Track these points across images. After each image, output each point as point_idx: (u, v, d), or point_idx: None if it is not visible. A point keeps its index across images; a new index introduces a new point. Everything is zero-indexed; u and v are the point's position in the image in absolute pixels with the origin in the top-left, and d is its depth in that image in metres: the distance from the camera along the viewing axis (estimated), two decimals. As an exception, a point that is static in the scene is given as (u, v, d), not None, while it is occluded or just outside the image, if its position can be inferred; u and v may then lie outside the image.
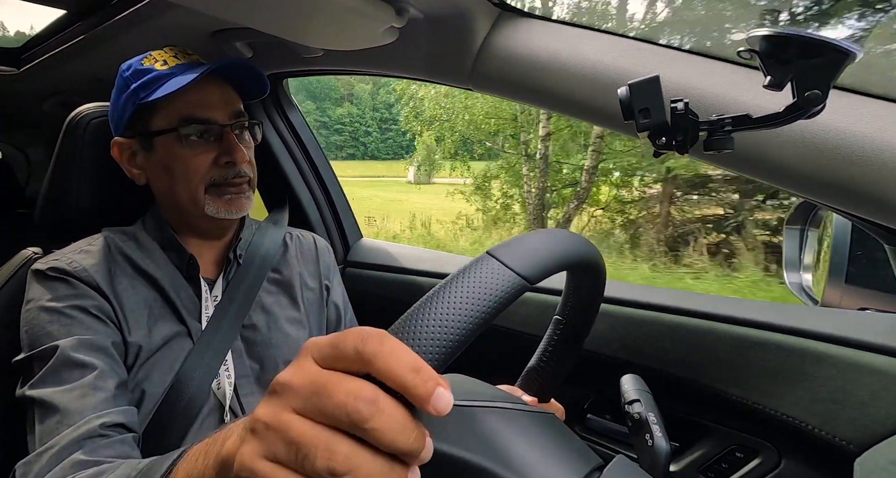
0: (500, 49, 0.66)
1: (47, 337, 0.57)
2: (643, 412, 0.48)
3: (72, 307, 0.58)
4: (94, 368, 0.55)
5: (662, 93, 0.45)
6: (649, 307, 0.75)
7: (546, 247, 0.38)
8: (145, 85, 0.64)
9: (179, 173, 0.65)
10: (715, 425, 0.71)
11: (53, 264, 0.61)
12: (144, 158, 0.68)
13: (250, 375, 0.68)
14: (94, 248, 0.65)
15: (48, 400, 0.52)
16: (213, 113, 0.66)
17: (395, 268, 1.09)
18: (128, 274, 0.65)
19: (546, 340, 0.54)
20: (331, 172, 1.20)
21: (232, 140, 0.66)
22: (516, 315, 0.86)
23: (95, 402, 0.53)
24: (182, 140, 0.64)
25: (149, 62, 0.65)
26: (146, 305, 0.64)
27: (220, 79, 0.68)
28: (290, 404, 0.25)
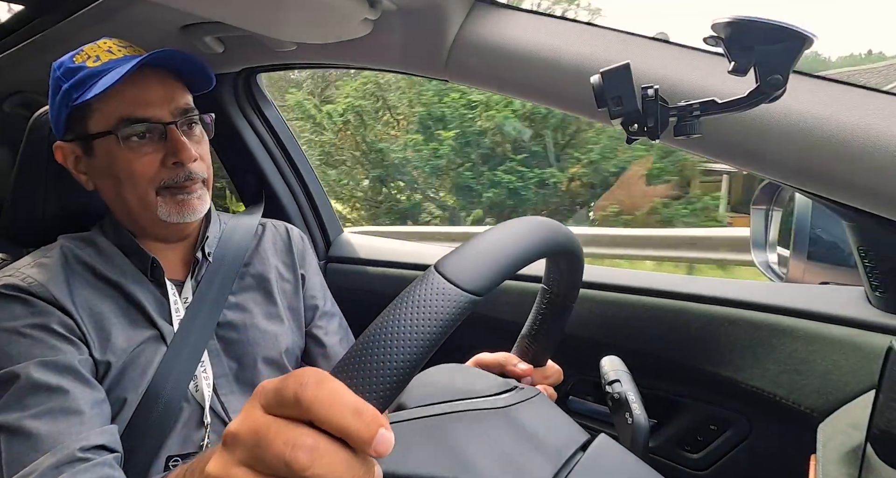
0: (474, 40, 0.67)
1: (7, 359, 0.54)
2: (623, 392, 0.51)
3: (31, 326, 0.55)
4: (63, 390, 0.52)
5: (633, 80, 0.46)
6: (626, 290, 0.78)
7: (497, 249, 0.35)
8: (76, 85, 0.60)
9: (125, 178, 0.61)
10: (691, 400, 0.75)
11: (8, 281, 0.58)
12: (87, 164, 0.64)
13: (229, 374, 0.67)
14: (50, 260, 0.61)
15: (17, 426, 0.50)
16: (154, 111, 0.61)
17: (377, 261, 1.09)
18: (89, 283, 0.62)
19: (535, 308, 0.55)
20: (308, 167, 1.19)
21: (177, 139, 0.61)
22: (499, 303, 0.87)
23: (69, 425, 0.51)
24: (122, 142, 0.60)
25: (80, 59, 0.61)
26: (112, 312, 0.61)
27: (161, 72, 0.63)
28: (237, 457, 0.26)
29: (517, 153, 6.33)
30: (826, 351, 0.60)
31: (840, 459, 0.42)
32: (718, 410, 0.72)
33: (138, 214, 0.64)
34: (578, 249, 0.48)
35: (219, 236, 0.74)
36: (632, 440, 0.48)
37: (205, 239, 0.71)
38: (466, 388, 0.44)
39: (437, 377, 0.47)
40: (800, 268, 0.75)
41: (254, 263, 0.76)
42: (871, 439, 0.38)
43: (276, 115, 1.15)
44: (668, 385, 0.76)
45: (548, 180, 6.32)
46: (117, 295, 0.63)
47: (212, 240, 0.73)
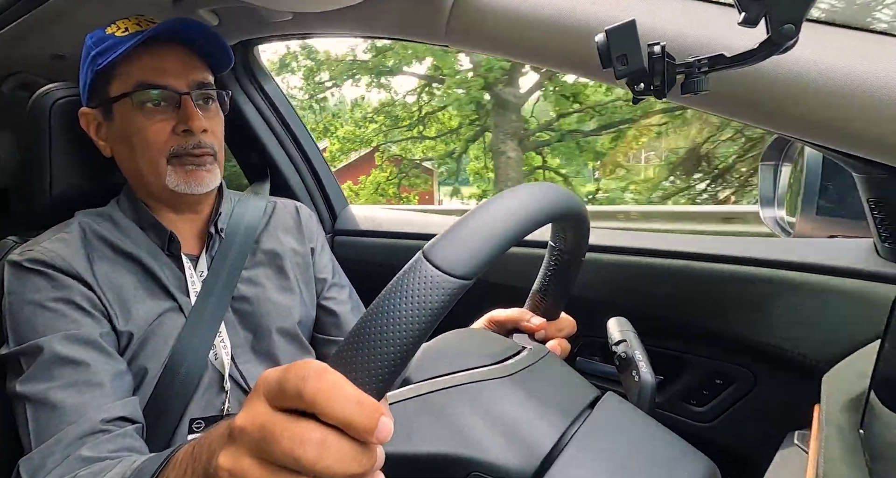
0: (474, 2, 0.65)
1: (32, 332, 0.56)
2: (629, 351, 0.52)
3: (54, 300, 0.58)
4: (86, 363, 0.55)
5: (639, 38, 0.45)
6: (631, 252, 0.78)
7: (489, 227, 0.35)
8: (101, 51, 0.62)
9: (138, 142, 0.64)
10: (696, 357, 0.77)
11: (30, 255, 0.60)
12: (106, 130, 0.67)
13: (245, 344, 0.70)
14: (70, 234, 0.63)
15: (42, 397, 0.52)
16: (171, 80, 0.63)
17: (384, 233, 1.10)
18: (108, 257, 0.64)
19: (545, 264, 0.56)
20: (311, 141, 1.18)
21: (189, 107, 0.64)
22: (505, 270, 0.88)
23: (92, 397, 0.53)
24: (139, 107, 0.63)
25: (111, 30, 0.64)
26: (131, 285, 0.63)
27: (182, 46, 0.65)
28: (247, 450, 0.27)
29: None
30: (834, 303, 0.61)
31: (844, 406, 0.43)
32: (724, 365, 0.74)
33: (150, 181, 0.66)
34: (579, 210, 0.48)
35: (231, 213, 0.76)
36: (639, 397, 0.50)
37: (218, 215, 0.73)
38: (471, 357, 0.45)
39: (445, 346, 0.47)
40: (809, 223, 0.75)
41: (265, 240, 0.78)
42: (875, 387, 0.39)
43: (275, 89, 1.14)
44: (674, 344, 0.78)
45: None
46: (136, 268, 0.65)
47: (224, 216, 0.74)
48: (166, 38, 0.63)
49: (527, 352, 0.47)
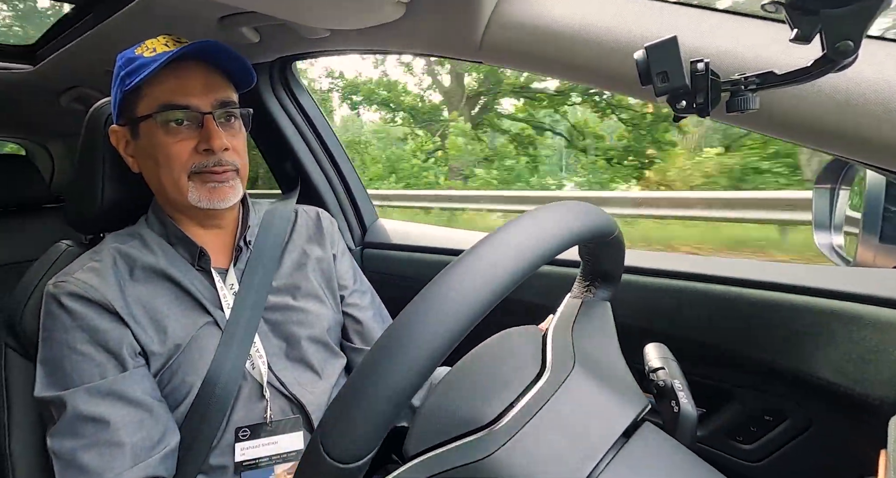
0: (510, 18, 0.65)
1: (60, 377, 0.59)
2: (668, 380, 0.48)
3: (81, 341, 0.60)
4: (106, 421, 0.57)
5: (681, 54, 0.43)
6: (669, 275, 0.75)
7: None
8: (130, 72, 0.64)
9: (162, 160, 0.65)
10: (742, 389, 0.71)
11: (65, 288, 0.61)
12: (134, 146, 0.69)
13: (279, 352, 0.71)
14: (101, 262, 0.65)
15: (70, 458, 0.56)
16: (194, 99, 0.65)
17: (412, 247, 1.10)
18: (139, 279, 0.65)
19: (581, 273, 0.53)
20: (344, 154, 1.20)
21: (212, 127, 0.64)
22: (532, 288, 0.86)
23: (112, 459, 0.56)
24: (163, 126, 0.64)
25: (139, 50, 0.65)
26: (165, 304, 0.65)
27: (206, 66, 0.66)
28: None
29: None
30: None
31: None
32: (774, 399, 0.69)
33: (174, 197, 0.67)
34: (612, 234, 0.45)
35: (258, 225, 0.77)
36: (678, 429, 0.46)
37: (246, 228, 0.74)
38: (470, 416, 0.40)
39: (446, 398, 0.43)
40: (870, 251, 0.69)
41: (291, 249, 0.78)
42: None
43: (310, 102, 1.17)
44: (716, 374, 0.73)
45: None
46: (168, 285, 0.66)
47: (252, 229, 0.76)
48: (191, 57, 0.64)
49: (544, 381, 0.42)
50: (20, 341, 0.68)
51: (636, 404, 0.43)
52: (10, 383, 0.68)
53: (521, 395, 0.40)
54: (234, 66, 0.67)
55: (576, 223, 0.40)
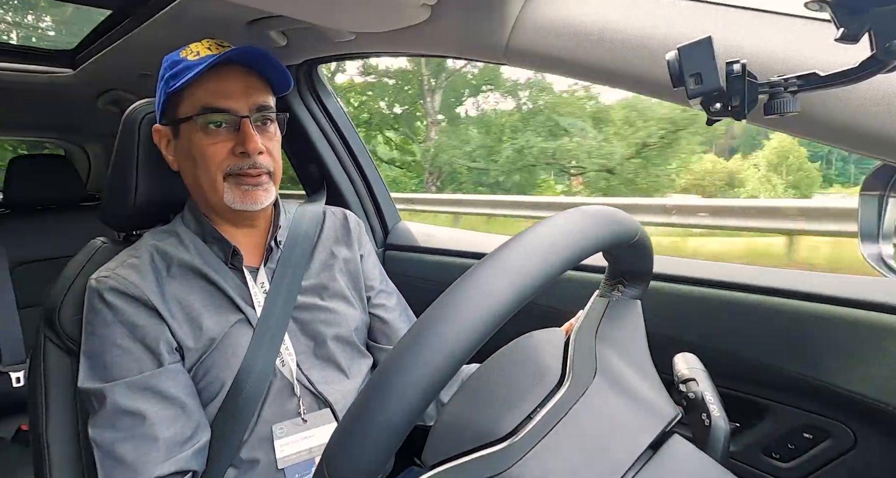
0: (537, 19, 0.64)
1: (100, 369, 0.62)
2: (698, 391, 0.46)
3: (121, 335, 0.62)
4: (143, 415, 0.59)
5: (716, 55, 0.42)
6: (699, 282, 0.72)
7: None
8: (174, 75, 0.66)
9: (200, 161, 0.67)
10: (778, 404, 0.68)
11: (106, 283, 0.64)
12: (174, 146, 0.71)
13: (307, 351, 0.72)
14: (139, 259, 0.67)
15: (109, 449, 0.59)
16: (233, 103, 0.66)
17: (435, 250, 1.09)
18: (176, 275, 0.67)
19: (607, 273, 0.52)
20: (367, 156, 1.20)
21: (248, 131, 0.66)
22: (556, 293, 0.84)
23: (147, 453, 0.59)
24: (202, 128, 0.66)
25: (184, 54, 0.68)
26: (199, 301, 0.67)
27: (246, 70, 0.68)
28: None
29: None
30: None
31: None
32: (814, 417, 0.65)
33: (209, 197, 0.69)
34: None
35: (288, 225, 0.78)
36: (709, 443, 0.44)
37: (277, 228, 0.76)
38: (487, 428, 0.39)
39: (464, 408, 0.42)
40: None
41: (320, 249, 0.80)
42: None
43: (335, 105, 1.18)
44: (751, 387, 0.70)
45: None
46: (203, 283, 0.68)
47: (282, 229, 0.77)
48: (233, 61, 0.66)
49: (563, 392, 0.40)
50: (58, 334, 0.71)
51: (665, 413, 0.41)
52: (48, 373, 0.71)
53: (539, 406, 0.39)
54: (273, 72, 0.69)
55: (598, 227, 0.39)
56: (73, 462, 0.70)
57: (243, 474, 0.64)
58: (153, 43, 1.03)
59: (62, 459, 0.69)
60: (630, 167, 9.18)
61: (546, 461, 0.36)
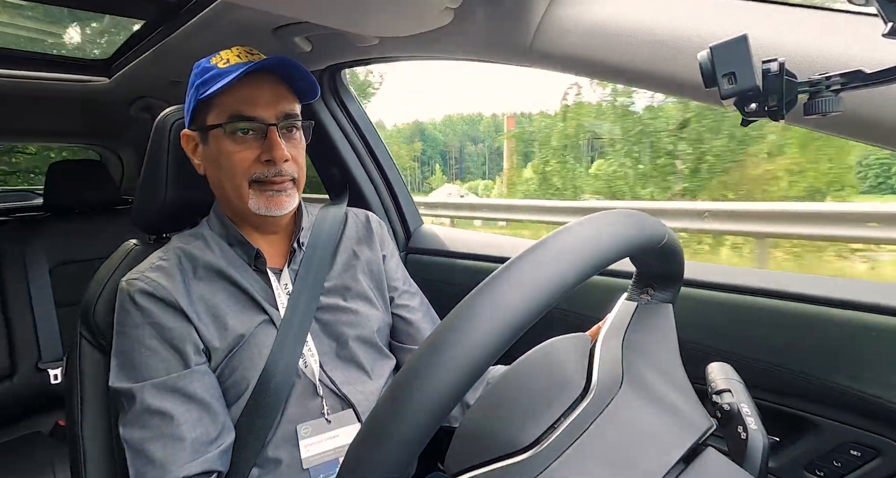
0: (562, 20, 0.63)
1: (130, 371, 0.63)
2: (734, 403, 0.44)
3: (150, 336, 0.64)
4: (170, 415, 0.61)
5: (751, 53, 0.40)
6: (736, 290, 0.69)
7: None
8: (204, 82, 0.67)
9: (226, 167, 0.68)
10: (823, 419, 0.65)
11: (137, 286, 0.66)
12: (203, 151, 0.72)
13: (330, 352, 0.72)
14: (168, 262, 0.69)
15: (139, 447, 0.61)
16: (261, 111, 0.67)
17: (457, 253, 1.09)
18: (202, 277, 0.69)
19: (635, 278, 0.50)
20: (390, 160, 1.21)
21: (274, 139, 0.67)
22: (582, 299, 0.83)
23: (174, 452, 0.60)
24: (230, 135, 0.67)
25: (215, 61, 0.69)
26: (224, 302, 0.68)
27: (274, 78, 0.69)
28: None
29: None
30: None
31: None
32: (863, 433, 0.62)
33: (235, 202, 0.70)
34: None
35: (310, 227, 0.79)
36: (746, 457, 0.42)
37: (299, 231, 0.77)
38: (510, 438, 0.38)
39: (486, 415, 0.41)
40: None
41: (342, 250, 0.80)
42: None
43: (358, 109, 1.19)
44: (792, 400, 0.67)
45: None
46: (227, 285, 0.69)
47: (305, 232, 0.78)
48: (262, 69, 0.67)
49: (588, 401, 0.39)
50: (93, 333, 0.73)
51: (698, 425, 0.39)
52: (83, 371, 0.73)
53: (563, 416, 0.38)
54: (302, 81, 0.70)
55: (624, 231, 0.37)
56: (106, 457, 0.72)
57: (268, 474, 0.65)
58: (183, 51, 1.05)
59: (96, 454, 0.71)
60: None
61: (570, 474, 0.35)
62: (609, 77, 0.63)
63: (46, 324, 1.55)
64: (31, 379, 1.49)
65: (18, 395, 1.47)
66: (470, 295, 0.31)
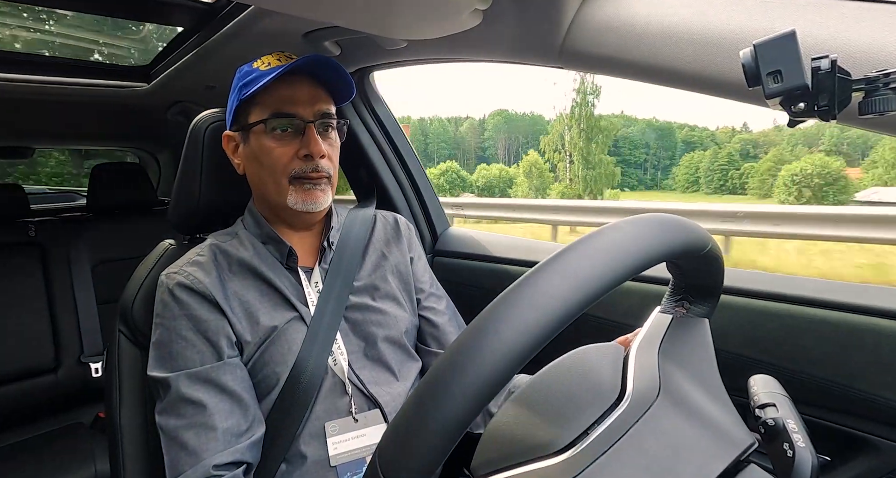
0: (595, 20, 0.61)
1: (167, 357, 0.65)
2: (779, 418, 0.42)
3: (187, 328, 0.66)
4: (203, 405, 0.63)
5: (800, 50, 0.38)
6: (780, 298, 0.66)
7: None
8: (246, 83, 0.70)
9: (266, 163, 0.70)
10: (880, 438, 0.61)
11: (176, 279, 0.68)
12: (243, 150, 0.74)
13: (358, 351, 0.73)
14: (204, 258, 0.71)
15: (174, 435, 0.62)
16: (300, 109, 0.69)
17: (484, 256, 1.08)
18: (236, 274, 0.71)
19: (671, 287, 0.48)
20: (417, 163, 1.21)
21: (312, 135, 0.69)
22: (617, 306, 0.80)
23: (208, 442, 0.61)
24: (270, 132, 0.69)
25: (256, 65, 0.71)
26: (257, 299, 0.69)
27: (312, 80, 0.71)
28: None
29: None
30: None
31: None
32: None
33: (273, 198, 0.72)
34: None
35: (339, 228, 0.80)
36: (793, 476, 0.39)
37: (329, 230, 0.78)
38: (541, 441, 0.37)
39: (515, 419, 0.40)
40: None
41: (371, 251, 0.81)
42: None
43: (386, 112, 1.19)
44: (844, 418, 0.63)
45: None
46: (259, 282, 0.71)
47: (335, 232, 0.79)
48: (302, 71, 0.70)
49: (623, 409, 0.38)
50: (130, 329, 0.76)
51: (739, 440, 0.37)
52: (121, 365, 0.76)
53: (597, 422, 0.37)
54: (339, 81, 0.72)
55: (665, 236, 0.36)
56: (142, 448, 0.74)
57: (296, 469, 0.66)
58: (218, 56, 1.08)
59: (133, 444, 0.74)
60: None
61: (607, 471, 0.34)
62: (644, 77, 0.61)
63: (88, 320, 1.62)
64: (73, 372, 1.56)
65: (62, 387, 1.54)
66: (500, 297, 0.30)
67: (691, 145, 54.31)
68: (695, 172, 45.63)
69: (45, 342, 1.53)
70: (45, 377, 1.52)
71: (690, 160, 48.24)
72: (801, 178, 23.48)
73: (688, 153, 49.88)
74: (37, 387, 1.50)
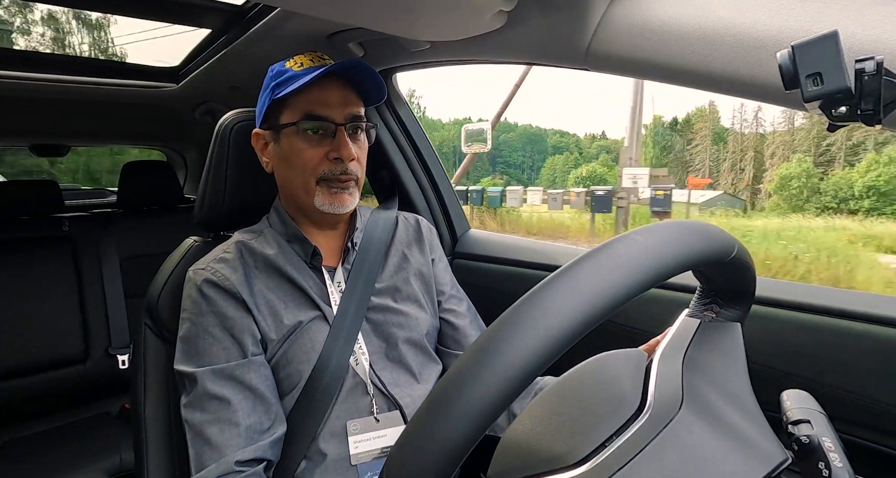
0: (622, 21, 0.60)
1: (193, 355, 0.66)
2: (814, 435, 0.40)
3: (213, 325, 0.67)
4: (228, 400, 0.63)
5: (843, 52, 0.36)
6: (817, 310, 0.63)
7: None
8: (279, 83, 0.70)
9: (296, 164, 0.71)
10: None
11: (203, 275, 0.69)
12: (273, 149, 0.74)
13: (379, 352, 0.73)
14: (230, 254, 0.72)
15: (199, 429, 0.63)
16: (331, 112, 0.70)
17: (504, 259, 1.07)
18: (261, 271, 0.71)
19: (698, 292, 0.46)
20: (439, 165, 1.21)
21: (342, 138, 0.69)
22: (641, 313, 0.79)
23: (231, 438, 0.62)
24: (301, 133, 0.70)
25: (289, 64, 0.72)
26: (280, 298, 0.70)
27: (343, 83, 0.71)
28: None
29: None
30: None
31: None
32: None
33: (300, 199, 0.73)
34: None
35: (363, 229, 0.81)
36: None
37: (353, 231, 0.78)
38: (557, 452, 0.36)
39: (532, 428, 0.39)
40: None
41: (393, 253, 0.81)
42: None
43: (408, 114, 1.19)
44: (884, 437, 0.60)
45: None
46: (284, 280, 0.72)
47: (358, 233, 0.80)
48: (334, 73, 0.70)
49: (643, 421, 0.37)
50: (155, 322, 0.77)
51: (771, 456, 0.36)
52: (147, 358, 0.77)
53: (615, 434, 0.36)
54: (370, 85, 0.72)
55: (691, 242, 0.34)
56: (165, 439, 0.76)
57: (316, 467, 0.67)
58: (244, 58, 1.10)
59: (157, 435, 0.75)
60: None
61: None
62: (673, 80, 0.59)
63: (116, 312, 1.66)
64: (101, 363, 1.61)
65: (90, 378, 1.59)
66: (520, 300, 0.30)
67: (559, 149, 65.63)
68: (553, 172, 57.88)
69: (75, 333, 1.58)
70: (74, 368, 1.57)
71: (552, 162, 60.05)
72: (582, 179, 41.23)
73: (550, 156, 61.83)
74: (66, 377, 1.55)
